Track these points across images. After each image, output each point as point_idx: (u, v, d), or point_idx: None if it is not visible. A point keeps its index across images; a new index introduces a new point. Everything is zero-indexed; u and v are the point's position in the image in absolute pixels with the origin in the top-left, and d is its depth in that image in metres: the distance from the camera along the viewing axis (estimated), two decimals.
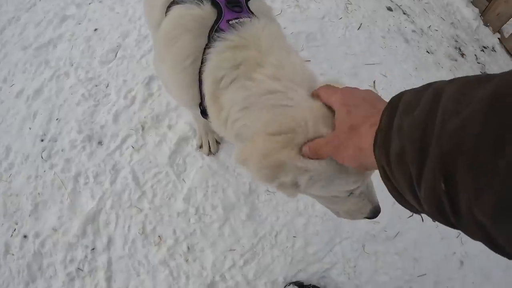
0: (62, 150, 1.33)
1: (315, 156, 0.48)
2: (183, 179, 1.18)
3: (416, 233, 1.19)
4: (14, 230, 1.35)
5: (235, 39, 0.57)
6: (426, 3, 1.94)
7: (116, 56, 1.43)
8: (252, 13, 0.65)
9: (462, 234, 1.17)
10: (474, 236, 0.26)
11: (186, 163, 1.19)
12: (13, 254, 1.33)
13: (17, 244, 1.33)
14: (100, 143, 1.29)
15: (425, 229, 1.20)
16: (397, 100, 0.35)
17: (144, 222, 1.18)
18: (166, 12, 0.67)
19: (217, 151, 1.18)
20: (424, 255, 1.20)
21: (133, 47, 1.43)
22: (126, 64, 1.39)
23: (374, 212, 0.64)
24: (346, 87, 0.51)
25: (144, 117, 1.26)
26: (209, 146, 1.17)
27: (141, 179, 1.21)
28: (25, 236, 1.33)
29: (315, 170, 0.49)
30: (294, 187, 0.52)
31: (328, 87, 0.52)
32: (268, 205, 1.14)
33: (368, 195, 0.63)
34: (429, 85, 0.32)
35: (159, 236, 1.16)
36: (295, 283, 1.09)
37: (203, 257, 1.13)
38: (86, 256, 1.22)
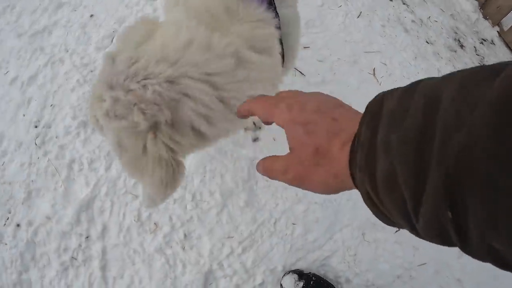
0: (56, 137, 1.30)
1: (271, 178, 0.39)
2: None
3: None
4: (7, 219, 1.32)
5: None
6: None
7: (112, 42, 1.41)
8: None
9: None
10: (482, 259, 0.23)
11: None
12: (6, 244, 1.30)
13: (10, 233, 1.30)
14: (94, 129, 1.27)
15: None
16: (377, 108, 0.28)
17: (140, 209, 1.15)
18: None
19: None
20: (424, 244, 1.18)
21: None
22: None
23: None
24: (286, 94, 0.39)
25: None
26: None
27: None
28: (18, 225, 1.30)
29: None
30: None
31: (265, 99, 0.40)
32: (267, 191, 1.12)
33: None
34: (415, 84, 0.26)
35: (154, 224, 1.14)
36: (294, 271, 1.07)
37: (200, 245, 1.11)
38: (80, 245, 1.20)
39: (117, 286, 1.15)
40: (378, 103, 0.28)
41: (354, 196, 1.15)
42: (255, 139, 1.16)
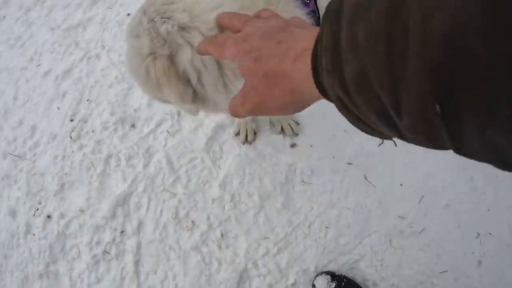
0: (92, 131, 1.32)
1: (237, 116, 0.41)
2: (218, 166, 1.19)
3: (439, 230, 1.23)
4: (37, 210, 1.33)
5: None
6: None
7: None
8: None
9: (482, 235, 1.23)
10: (480, 159, 0.21)
11: (223, 150, 1.20)
12: (34, 234, 1.31)
13: (40, 224, 1.31)
14: (133, 126, 1.29)
15: (447, 227, 1.24)
16: (337, 6, 0.25)
17: (178, 207, 1.18)
18: None
19: (253, 141, 1.20)
20: (446, 252, 1.25)
21: None
22: None
23: None
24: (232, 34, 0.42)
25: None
26: (246, 134, 1.18)
27: (176, 164, 1.21)
28: (48, 216, 1.31)
29: None
30: None
31: (215, 40, 0.45)
32: (303, 195, 1.17)
33: None
34: None
35: (192, 222, 1.17)
36: (327, 273, 1.11)
37: (236, 244, 1.14)
38: (114, 239, 1.22)
39: (149, 281, 1.17)
40: (337, 1, 0.25)
41: (383, 204, 1.20)
42: (293, 145, 1.21)
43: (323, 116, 1.22)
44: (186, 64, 0.53)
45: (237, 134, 1.20)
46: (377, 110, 0.23)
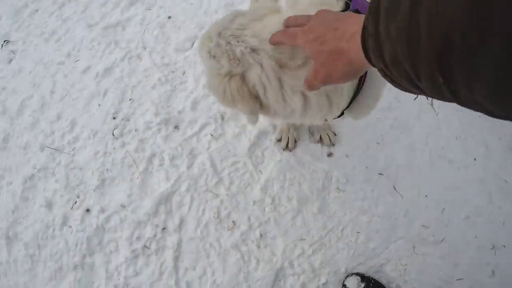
0: (135, 130, 1.37)
1: (312, 89, 0.56)
2: (260, 170, 1.26)
3: (458, 240, 1.34)
4: (75, 203, 1.38)
5: None
6: None
7: (192, 46, 1.49)
8: None
9: (496, 247, 1.34)
10: (473, 110, 0.32)
11: (264, 156, 1.27)
12: (70, 226, 1.35)
13: (78, 217, 1.35)
14: (176, 127, 1.35)
15: (465, 238, 1.34)
16: (377, 5, 0.36)
17: (219, 207, 1.25)
18: None
19: (293, 148, 1.28)
20: (463, 261, 1.35)
21: None
22: None
23: None
24: (301, 26, 0.56)
25: (224, 108, 1.34)
26: (288, 142, 1.26)
27: (219, 166, 1.28)
28: (87, 210, 1.36)
29: None
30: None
31: (288, 33, 0.58)
32: (337, 201, 1.25)
33: None
34: None
35: (233, 222, 1.24)
36: (357, 274, 1.20)
37: (274, 244, 1.22)
38: (155, 235, 1.27)
39: (188, 276, 1.24)
40: (376, 3, 0.37)
41: (409, 213, 1.30)
42: (330, 154, 1.29)
43: (359, 129, 1.30)
44: (256, 80, 0.63)
45: (279, 140, 1.27)
46: (406, 77, 0.35)
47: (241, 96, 0.64)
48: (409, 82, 0.35)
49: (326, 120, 0.79)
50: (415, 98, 1.40)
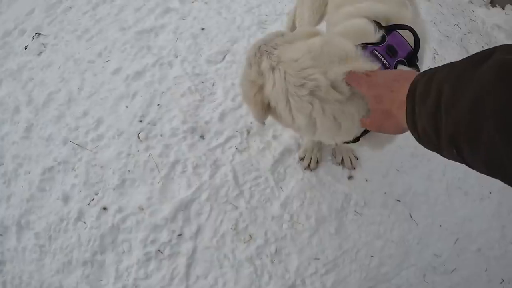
0: (161, 135, 1.40)
1: (371, 128, 0.70)
2: (281, 187, 1.29)
3: (469, 271, 1.35)
4: (92, 200, 1.39)
5: None
6: None
7: (224, 58, 1.54)
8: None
9: (506, 281, 1.36)
10: (478, 171, 0.44)
11: (286, 173, 1.30)
12: (85, 222, 1.36)
13: (94, 214, 1.36)
14: (202, 137, 1.38)
15: (476, 270, 1.36)
16: (414, 90, 0.51)
17: (238, 219, 1.26)
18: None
19: (315, 168, 1.31)
20: None
21: (242, 54, 1.54)
22: (235, 69, 1.50)
23: None
24: (366, 75, 0.66)
25: (251, 123, 1.37)
26: (310, 161, 1.29)
27: (241, 179, 1.30)
28: (104, 208, 1.37)
29: None
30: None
31: (358, 79, 0.67)
32: (354, 224, 1.27)
33: None
34: (433, 73, 0.48)
35: (249, 235, 1.25)
36: None
37: (288, 261, 1.23)
38: (170, 240, 1.28)
39: (198, 284, 1.24)
40: (414, 86, 0.51)
41: (423, 241, 1.32)
42: (350, 177, 1.32)
43: (380, 155, 1.34)
44: (269, 94, 0.74)
45: (302, 159, 1.30)
46: (432, 147, 0.50)
47: (255, 102, 0.76)
48: (432, 146, 0.50)
49: (337, 143, 0.84)
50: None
